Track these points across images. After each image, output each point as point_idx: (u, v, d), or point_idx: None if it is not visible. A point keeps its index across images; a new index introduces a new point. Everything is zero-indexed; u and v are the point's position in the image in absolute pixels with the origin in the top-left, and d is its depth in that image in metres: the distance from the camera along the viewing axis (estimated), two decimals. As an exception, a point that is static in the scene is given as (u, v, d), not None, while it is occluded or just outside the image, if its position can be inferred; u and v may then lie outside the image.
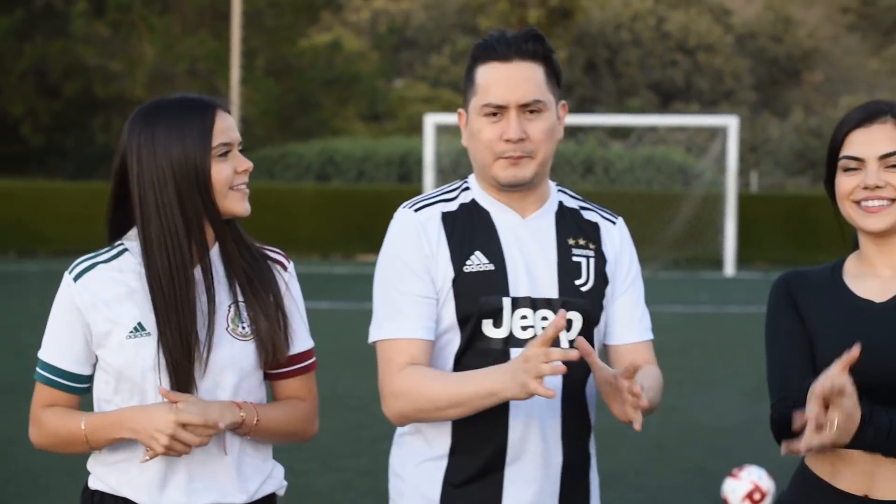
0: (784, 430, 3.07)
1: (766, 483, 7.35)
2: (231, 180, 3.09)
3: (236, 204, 3.11)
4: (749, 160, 52.97)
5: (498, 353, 3.12)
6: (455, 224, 3.19)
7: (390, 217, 3.25)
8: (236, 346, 3.11)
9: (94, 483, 3.19)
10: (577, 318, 3.18)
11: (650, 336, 3.31)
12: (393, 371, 3.10)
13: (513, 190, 3.20)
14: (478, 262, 3.16)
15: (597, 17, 61.48)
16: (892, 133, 3.01)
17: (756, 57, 67.05)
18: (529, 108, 3.15)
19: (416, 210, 3.22)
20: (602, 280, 3.25)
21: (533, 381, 2.77)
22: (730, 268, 24.75)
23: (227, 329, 3.11)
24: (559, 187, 3.36)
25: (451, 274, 3.14)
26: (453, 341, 3.17)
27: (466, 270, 3.14)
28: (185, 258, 3.05)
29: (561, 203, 3.31)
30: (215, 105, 3.11)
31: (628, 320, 3.28)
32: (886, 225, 3.00)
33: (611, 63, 63.68)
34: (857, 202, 3.03)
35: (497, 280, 3.14)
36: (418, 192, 26.29)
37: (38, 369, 3.16)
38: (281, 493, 3.32)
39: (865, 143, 3.01)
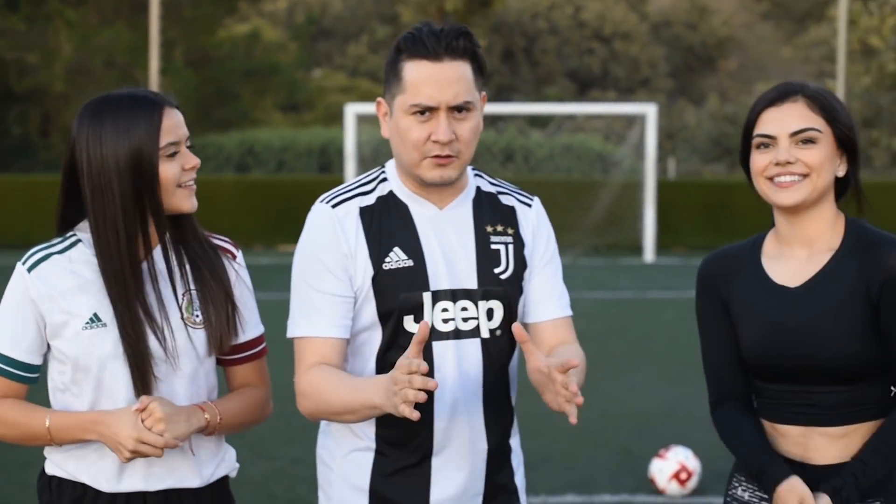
0: (729, 435, 3.24)
1: (693, 463, 7.52)
2: (178, 178, 3.13)
3: (183, 201, 3.16)
4: (666, 147, 53.45)
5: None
6: (373, 219, 3.14)
7: (310, 206, 3.21)
8: (191, 334, 3.17)
9: (51, 469, 3.24)
10: (497, 307, 3.19)
11: (569, 312, 3.31)
12: (301, 370, 3.12)
13: (436, 188, 3.18)
14: (396, 258, 3.13)
15: (514, 6, 61.65)
16: (803, 111, 3.11)
17: (671, 45, 67.63)
18: (458, 109, 3.09)
19: (334, 206, 3.16)
20: (521, 265, 3.25)
21: (401, 404, 2.75)
22: (649, 254, 25.01)
23: (181, 318, 3.17)
24: (476, 171, 3.34)
25: (370, 272, 3.11)
26: (374, 337, 3.16)
27: (385, 268, 3.11)
28: (133, 252, 3.10)
29: (478, 189, 3.29)
30: (163, 102, 3.13)
31: (547, 297, 3.28)
32: (798, 199, 3.10)
33: (528, 51, 63.94)
34: (771, 178, 3.12)
35: (416, 276, 3.12)
36: (340, 182, 26.10)
37: None
38: (233, 475, 3.40)
39: (777, 121, 3.12)
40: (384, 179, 3.22)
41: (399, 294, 3.11)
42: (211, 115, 40.74)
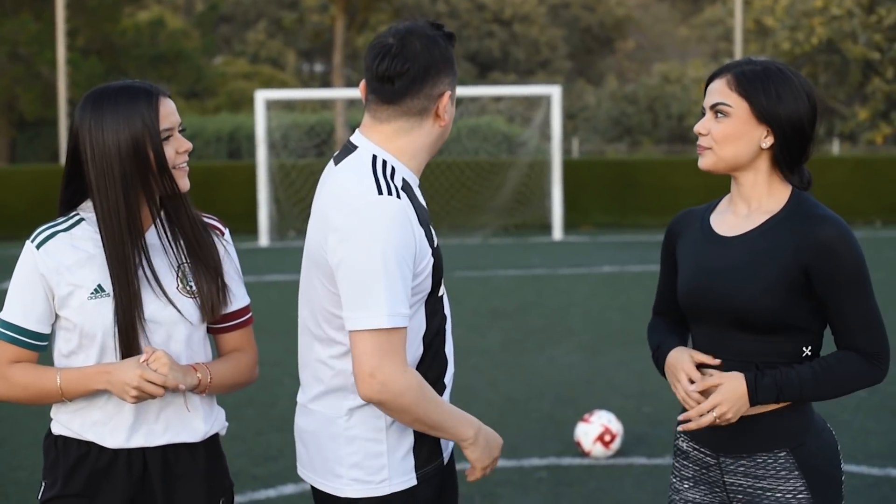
0: (650, 333, 3.68)
1: (616, 426, 7.92)
2: (173, 161, 3.43)
3: (179, 182, 3.47)
4: (568, 128, 54.03)
5: (442, 306, 3.43)
6: (412, 203, 3.30)
7: (224, 193, 3.57)
8: (185, 303, 3.48)
9: (57, 429, 3.51)
10: None
11: None
12: (401, 364, 3.23)
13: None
14: (432, 234, 3.37)
15: (414, -10, 61.80)
16: (722, 87, 3.41)
17: (570, 26, 68.24)
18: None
19: (399, 196, 3.24)
20: None
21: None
22: (558, 232, 25.35)
23: (177, 288, 3.48)
24: None
25: (429, 251, 3.31)
26: (420, 315, 3.36)
27: (435, 245, 3.36)
28: (134, 228, 3.40)
29: None
30: (158, 92, 3.44)
31: None
32: (705, 165, 3.45)
33: (429, 35, 64.09)
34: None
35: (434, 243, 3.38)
36: (251, 167, 26.37)
37: (0, 329, 3.45)
38: (223, 433, 3.69)
39: (708, 93, 3.46)
40: (393, 167, 3.35)
41: (441, 265, 3.40)
42: (117, 103, 40.47)
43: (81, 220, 3.47)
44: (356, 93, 25.46)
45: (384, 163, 3.35)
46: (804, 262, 3.33)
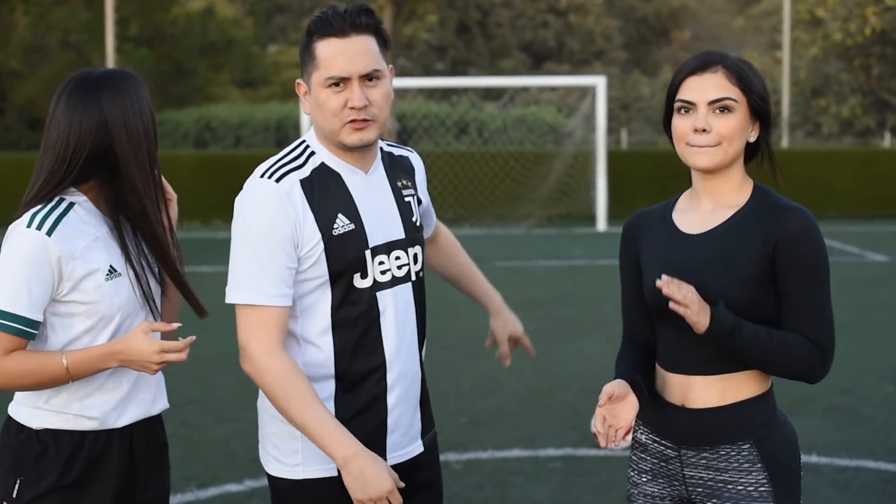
0: (616, 362, 3.60)
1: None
2: None
3: None
4: (620, 118, 53.87)
5: (368, 299, 3.49)
6: (313, 190, 3.45)
7: None
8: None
9: (39, 422, 3.47)
10: (419, 251, 3.64)
11: (434, 217, 4.01)
12: (265, 343, 3.38)
13: (358, 151, 3.52)
14: (342, 224, 3.44)
15: (469, -20, 61.78)
16: (721, 81, 3.36)
17: (625, 16, 67.95)
18: (369, 77, 3.43)
19: (277, 180, 3.41)
20: (419, 209, 3.75)
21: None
22: (602, 223, 25.30)
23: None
24: None
25: (319, 238, 3.42)
26: (325, 297, 3.46)
27: (335, 234, 3.42)
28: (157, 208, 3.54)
29: (381, 149, 3.69)
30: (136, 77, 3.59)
31: (431, 219, 3.97)
32: (711, 163, 3.38)
33: (483, 25, 64.07)
34: (689, 142, 3.40)
35: (359, 237, 3.46)
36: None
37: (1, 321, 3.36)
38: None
39: (697, 89, 3.37)
40: (312, 153, 3.53)
41: (348, 255, 3.45)
42: (168, 92, 40.81)
43: (72, 203, 3.47)
44: (401, 82, 25.51)
45: (306, 147, 3.53)
46: (771, 253, 3.33)
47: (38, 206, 3.44)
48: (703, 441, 3.45)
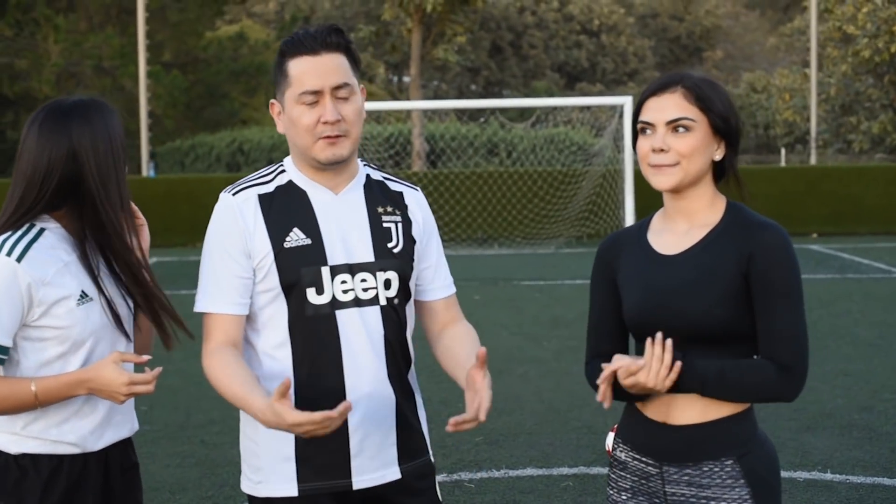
0: (589, 376, 3.61)
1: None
2: None
3: None
4: (652, 138, 53.75)
5: (325, 316, 3.52)
6: (272, 204, 3.55)
7: None
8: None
9: (17, 447, 3.50)
10: (394, 277, 3.61)
11: (454, 290, 3.84)
12: (207, 348, 3.53)
13: (330, 168, 3.56)
14: (296, 238, 3.51)
15: (501, 1, 61.94)
16: (679, 101, 3.38)
17: (658, 36, 68.01)
18: (340, 93, 3.49)
19: (234, 194, 3.55)
20: (410, 241, 3.68)
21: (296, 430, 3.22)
22: (631, 242, 25.25)
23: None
24: (364, 162, 3.74)
25: (270, 250, 3.51)
26: (281, 311, 3.53)
27: (286, 246, 3.50)
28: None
29: (368, 176, 3.71)
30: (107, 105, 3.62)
31: (433, 277, 3.79)
32: (671, 184, 3.39)
33: (516, 46, 64.25)
34: (649, 162, 3.43)
35: (315, 252, 3.51)
36: (326, 178, 26.51)
37: None
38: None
39: (656, 109, 3.40)
40: (283, 171, 3.63)
41: (300, 269, 3.50)
42: (201, 116, 41.08)
43: (42, 229, 3.50)
44: (430, 104, 25.62)
45: (278, 167, 3.66)
46: (745, 269, 3.35)
47: (9, 233, 3.46)
48: (686, 457, 3.44)
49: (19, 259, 3.40)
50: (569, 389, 10.50)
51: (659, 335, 3.27)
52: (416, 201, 3.78)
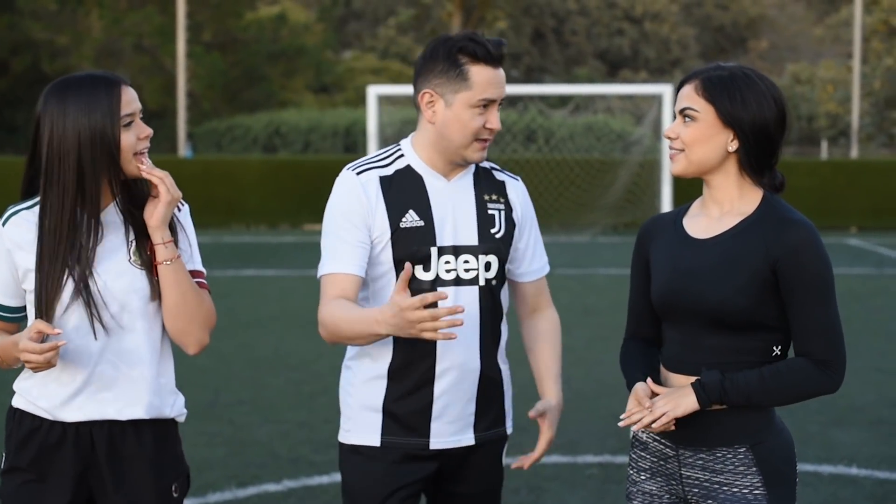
0: (622, 361, 3.75)
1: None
2: (135, 146, 3.56)
3: (139, 167, 3.59)
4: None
5: (426, 291, 3.72)
6: (391, 186, 3.86)
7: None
8: (136, 274, 3.61)
9: (16, 401, 3.68)
10: (493, 261, 3.92)
11: (544, 272, 4.15)
12: (323, 302, 3.77)
13: (451, 165, 3.90)
14: (411, 219, 3.83)
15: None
16: (689, 93, 3.50)
17: (702, 25, 67.63)
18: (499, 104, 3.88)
19: (358, 173, 3.86)
20: (511, 227, 3.99)
21: (428, 333, 3.40)
22: (668, 232, 25.16)
23: (129, 261, 3.62)
24: None
25: (387, 229, 3.81)
26: (391, 283, 3.83)
27: (402, 226, 3.81)
28: (85, 211, 3.54)
29: (477, 165, 4.00)
30: (120, 81, 3.59)
31: (529, 260, 4.10)
32: (676, 170, 3.54)
33: (558, 32, 64.06)
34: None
35: (426, 233, 3.83)
36: (364, 162, 26.56)
37: None
38: (181, 419, 3.82)
39: (678, 99, 3.55)
40: (401, 155, 3.94)
41: (412, 247, 3.81)
42: (239, 97, 41.19)
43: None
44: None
45: (396, 151, 3.95)
46: (773, 264, 3.41)
47: (19, 201, 3.66)
48: (701, 442, 3.52)
49: (4, 223, 3.61)
50: (598, 378, 10.50)
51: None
52: (516, 190, 4.07)
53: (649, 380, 3.53)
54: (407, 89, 31.88)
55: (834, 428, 8.65)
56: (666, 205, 25.25)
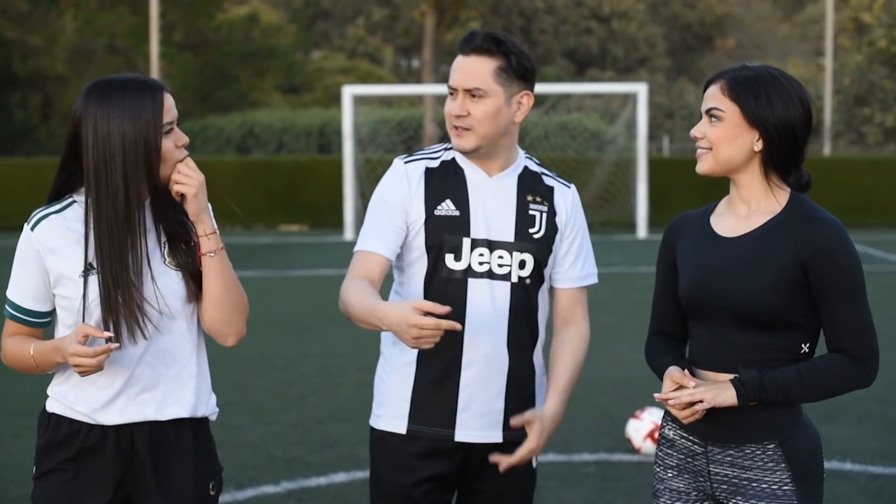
0: (649, 354, 3.78)
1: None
2: (173, 153, 3.57)
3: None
4: (666, 125, 53.72)
5: (457, 280, 3.89)
6: (434, 177, 3.97)
7: (312, 187, 4.04)
8: (172, 276, 3.62)
9: (51, 406, 3.67)
10: (529, 259, 3.94)
11: (587, 283, 4.16)
12: (347, 277, 3.88)
13: (466, 155, 3.95)
14: (446, 208, 3.92)
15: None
16: (715, 93, 3.53)
17: (669, 23, 67.82)
18: (471, 93, 3.86)
19: (407, 163, 4.00)
20: (552, 230, 4.01)
21: (415, 342, 3.48)
22: (642, 230, 25.27)
23: (165, 262, 3.62)
24: (527, 156, 4.12)
25: (423, 214, 3.91)
26: (422, 268, 3.92)
27: (436, 213, 3.91)
28: (131, 214, 3.53)
29: (526, 167, 4.06)
30: (162, 87, 3.59)
31: (569, 268, 4.09)
32: (702, 169, 3.58)
33: (526, 31, 64.10)
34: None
35: (460, 223, 3.91)
36: (338, 162, 26.64)
37: (6, 307, 3.63)
38: (213, 418, 3.82)
39: (704, 99, 3.59)
40: (448, 149, 4.04)
41: (444, 235, 3.91)
42: (211, 98, 41.07)
43: (73, 202, 3.61)
44: (443, 88, 25.55)
45: (445, 146, 4.06)
46: (803, 262, 3.44)
47: (46, 205, 3.64)
48: (730, 439, 3.54)
49: (33, 227, 3.58)
50: (585, 376, 10.33)
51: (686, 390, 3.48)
52: (564, 196, 4.08)
53: (685, 370, 3.55)
54: (380, 89, 31.90)
55: (825, 424, 8.71)
56: (642, 203, 25.32)
